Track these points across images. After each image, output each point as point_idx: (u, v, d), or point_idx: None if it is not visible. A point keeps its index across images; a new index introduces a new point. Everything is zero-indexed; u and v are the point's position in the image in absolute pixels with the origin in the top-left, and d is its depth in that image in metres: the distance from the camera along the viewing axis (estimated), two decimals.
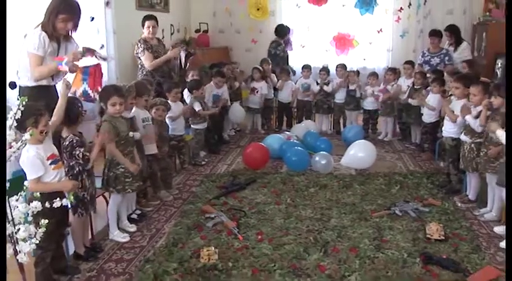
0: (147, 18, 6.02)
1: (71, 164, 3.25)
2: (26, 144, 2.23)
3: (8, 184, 2.20)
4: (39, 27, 3.73)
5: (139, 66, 6.00)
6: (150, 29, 5.95)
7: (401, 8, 8.49)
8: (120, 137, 3.74)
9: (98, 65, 3.95)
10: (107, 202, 3.88)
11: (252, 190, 4.80)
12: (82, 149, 3.21)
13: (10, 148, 2.17)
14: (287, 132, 6.50)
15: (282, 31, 8.13)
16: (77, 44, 4.01)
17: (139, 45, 5.89)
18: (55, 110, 3.16)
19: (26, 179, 2.87)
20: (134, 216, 4.14)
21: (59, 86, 3.58)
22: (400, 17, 8.55)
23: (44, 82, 3.77)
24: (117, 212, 3.90)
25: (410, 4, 8.43)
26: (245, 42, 9.19)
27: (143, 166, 4.05)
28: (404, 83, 6.63)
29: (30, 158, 2.82)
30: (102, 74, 4.06)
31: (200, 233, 3.80)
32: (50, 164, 2.92)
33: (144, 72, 5.90)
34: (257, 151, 5.55)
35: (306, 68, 7.55)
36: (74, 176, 3.24)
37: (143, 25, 5.97)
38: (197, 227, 3.91)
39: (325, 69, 7.53)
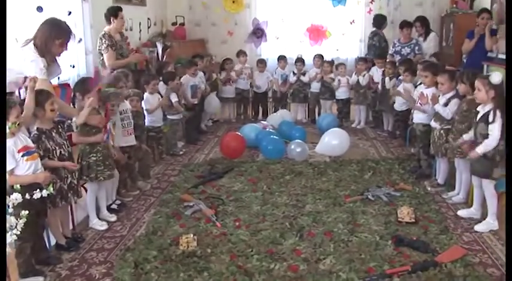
0: (119, 9, 5.73)
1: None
2: None
3: None
4: (36, 52, 3.73)
5: (101, 62, 5.66)
6: (123, 20, 5.71)
7: None
8: (92, 127, 3.83)
9: None
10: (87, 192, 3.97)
11: (230, 178, 4.91)
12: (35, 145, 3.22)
13: None
14: (263, 122, 6.62)
15: (379, 22, 7.98)
16: (58, 64, 4.02)
17: (103, 41, 5.49)
18: (25, 104, 3.17)
19: None
20: (114, 206, 4.22)
21: None
22: (371, 9, 8.71)
23: None
24: (97, 203, 3.98)
25: None
26: (221, 35, 9.27)
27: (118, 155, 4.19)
28: (377, 72, 6.79)
29: (8, 148, 2.86)
30: None
31: (179, 222, 3.90)
32: (22, 156, 2.96)
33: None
34: (234, 140, 5.66)
35: (282, 58, 7.69)
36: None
37: (115, 16, 5.61)
38: (176, 216, 4.01)
39: (300, 60, 7.67)
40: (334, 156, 5.57)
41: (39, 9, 5.46)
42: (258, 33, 8.96)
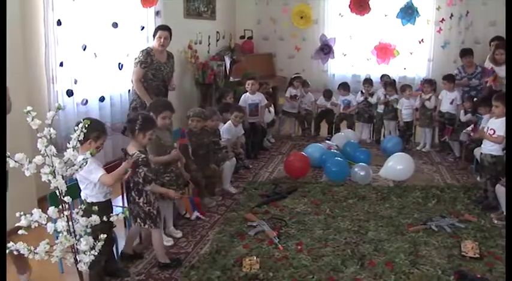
0: (160, 28, 5.54)
1: (136, 180, 3.45)
2: (87, 162, 2.43)
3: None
4: None
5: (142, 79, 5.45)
6: (162, 40, 5.39)
7: (443, 19, 8.52)
8: (166, 147, 4.05)
9: None
10: None
11: (293, 199, 4.98)
12: (146, 169, 3.44)
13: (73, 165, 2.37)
14: (328, 142, 6.66)
15: None
16: None
17: (139, 55, 5.39)
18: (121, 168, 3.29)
19: (80, 189, 3.16)
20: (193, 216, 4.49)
21: None
22: (441, 28, 8.57)
23: None
24: (164, 219, 4.13)
25: (452, 15, 8.46)
26: (288, 50, 9.38)
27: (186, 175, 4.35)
28: (447, 95, 6.70)
29: (91, 163, 3.01)
30: None
31: (243, 242, 3.99)
32: None
33: (153, 84, 5.44)
34: (298, 160, 5.73)
35: (342, 86, 7.78)
36: (138, 192, 3.46)
37: (153, 35, 5.51)
38: (240, 236, 4.11)
39: (368, 81, 7.67)
40: (398, 181, 5.55)
41: (115, 25, 5.74)
42: (325, 49, 9.01)
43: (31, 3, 4.62)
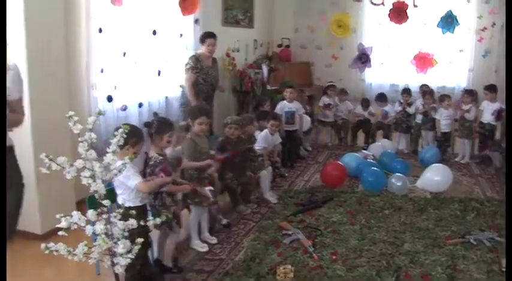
0: (208, 35, 5.92)
1: None
2: (125, 166, 2.47)
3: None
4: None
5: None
6: (211, 46, 5.86)
7: (484, 27, 8.36)
8: (201, 153, 4.09)
9: None
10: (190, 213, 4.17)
11: (329, 208, 4.94)
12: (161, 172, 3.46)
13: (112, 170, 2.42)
14: (364, 151, 6.61)
15: None
16: None
17: (189, 62, 5.79)
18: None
19: (117, 194, 3.21)
20: (224, 222, 4.50)
21: None
22: (482, 37, 8.41)
23: None
24: (199, 224, 4.17)
25: (494, 24, 8.29)
26: (326, 58, 9.36)
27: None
28: (488, 106, 6.59)
29: (130, 168, 3.10)
30: None
31: (277, 250, 3.97)
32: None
33: (197, 89, 5.79)
34: (335, 169, 5.71)
35: (380, 98, 7.70)
36: (154, 194, 3.49)
37: (203, 42, 5.89)
38: (274, 244, 4.09)
39: (407, 91, 7.58)
40: (435, 192, 5.45)
41: (154, 32, 5.84)
42: (362, 58, 8.96)
43: (74, 11, 4.74)
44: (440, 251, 3.98)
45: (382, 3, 8.55)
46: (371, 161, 6.07)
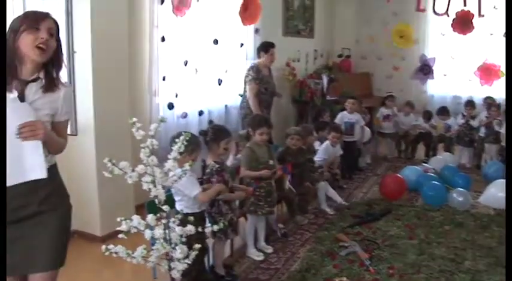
0: (271, 45, 5.90)
1: None
2: (186, 173, 2.50)
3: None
4: None
5: (244, 91, 5.92)
6: (273, 56, 5.88)
7: None
8: (260, 162, 4.09)
9: None
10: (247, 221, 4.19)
11: (387, 221, 4.85)
12: (219, 178, 3.50)
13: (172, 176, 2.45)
14: (425, 165, 6.46)
15: None
16: None
17: (250, 73, 5.74)
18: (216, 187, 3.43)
19: (174, 200, 3.26)
20: (279, 233, 4.48)
21: None
22: None
23: None
24: (255, 233, 4.19)
25: None
26: (386, 69, 9.24)
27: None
28: None
29: (189, 177, 3.16)
30: None
31: (333, 262, 3.92)
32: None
33: (246, 99, 5.82)
34: (394, 182, 5.60)
35: (442, 112, 7.52)
36: (211, 202, 3.51)
37: (265, 51, 5.85)
38: (331, 255, 4.04)
39: (470, 103, 7.37)
40: (499, 209, 5.25)
41: (215, 41, 5.92)
42: (425, 69, 8.79)
43: (138, 21, 4.87)
44: (504, 272, 3.83)
45: (446, 13, 8.34)
46: (431, 174, 5.92)
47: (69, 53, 4.06)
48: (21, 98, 2.15)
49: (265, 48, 5.89)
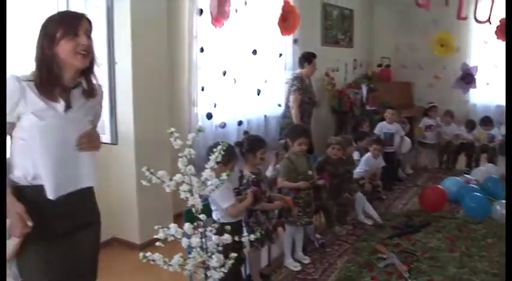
0: (314, 55, 6.01)
1: None
2: (223, 183, 2.51)
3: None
4: None
5: (287, 101, 5.97)
6: (314, 67, 6.02)
7: None
8: (298, 173, 4.08)
9: None
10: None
11: (426, 233, 4.76)
12: (255, 188, 3.49)
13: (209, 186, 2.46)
14: (466, 176, 6.33)
15: None
16: None
17: (294, 83, 5.82)
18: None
19: (211, 209, 3.27)
20: (317, 244, 4.46)
21: None
22: None
23: None
24: (293, 243, 4.17)
25: None
26: (427, 78, 9.09)
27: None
28: None
29: (224, 188, 3.17)
30: None
31: (371, 273, 3.87)
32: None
33: (289, 109, 5.86)
34: (435, 193, 5.49)
35: (485, 122, 7.36)
36: (248, 212, 3.54)
37: (308, 62, 5.94)
38: (368, 267, 3.99)
39: None
40: None
41: (254, 52, 5.96)
42: (466, 78, 8.62)
43: (177, 32, 4.96)
44: None
45: (488, 21, 8.16)
46: (474, 186, 5.79)
47: (109, 64, 4.15)
48: (68, 106, 2.13)
49: (308, 58, 5.96)
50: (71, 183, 2.15)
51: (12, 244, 2.03)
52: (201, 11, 5.07)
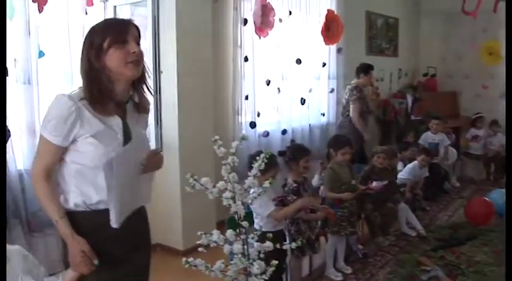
0: (371, 67, 6.11)
1: None
2: (265, 191, 2.53)
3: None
4: None
5: (347, 114, 5.97)
6: (372, 77, 6.17)
7: None
8: (342, 183, 4.07)
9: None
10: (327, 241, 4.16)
11: (472, 246, 4.66)
12: (295, 197, 3.51)
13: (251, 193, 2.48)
14: None
15: None
16: None
17: (354, 93, 5.86)
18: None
19: (253, 216, 3.28)
20: (360, 254, 4.43)
21: None
22: None
23: None
24: (335, 252, 4.15)
25: None
26: (475, 88, 8.91)
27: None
28: None
29: (262, 196, 3.19)
30: None
31: None
32: (276, 205, 3.26)
33: (348, 119, 5.93)
34: (481, 206, 5.37)
35: None
36: (291, 220, 3.55)
37: (365, 73, 6.01)
38: (412, 279, 3.94)
39: None
40: None
41: (298, 61, 5.98)
42: None
43: (222, 41, 5.03)
44: None
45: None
46: None
47: (155, 73, 4.24)
48: (126, 123, 2.03)
49: (365, 70, 6.04)
50: (132, 205, 2.08)
51: (69, 274, 1.99)
52: (246, 21, 5.13)
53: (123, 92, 1.99)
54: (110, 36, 1.88)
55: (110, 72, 1.91)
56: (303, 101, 6.13)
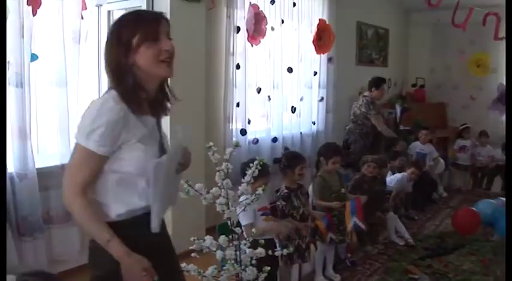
0: (383, 81, 6.34)
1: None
2: (258, 197, 2.54)
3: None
4: None
5: (359, 122, 6.20)
6: (383, 92, 6.41)
7: None
8: (332, 191, 4.12)
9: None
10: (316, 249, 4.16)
11: (459, 255, 4.70)
12: (284, 203, 3.55)
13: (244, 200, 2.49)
14: (502, 198, 6.22)
15: None
16: None
17: (371, 107, 6.12)
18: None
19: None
20: (348, 262, 4.44)
21: None
22: None
23: None
24: (324, 260, 4.17)
25: None
26: (462, 99, 9.02)
27: None
28: None
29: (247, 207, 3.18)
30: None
31: None
32: (261, 215, 3.27)
33: (364, 130, 6.19)
34: (468, 215, 5.41)
35: None
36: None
37: (376, 87, 6.22)
38: None
39: None
40: None
41: (290, 70, 6.00)
42: (503, 99, 8.50)
43: (214, 49, 5.05)
44: None
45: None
46: None
47: None
48: (159, 125, 2.01)
49: (376, 83, 6.24)
50: (166, 207, 2.02)
51: None
52: (238, 29, 5.16)
53: (152, 91, 1.89)
54: (141, 32, 1.74)
55: (140, 70, 1.78)
56: (293, 110, 6.16)
